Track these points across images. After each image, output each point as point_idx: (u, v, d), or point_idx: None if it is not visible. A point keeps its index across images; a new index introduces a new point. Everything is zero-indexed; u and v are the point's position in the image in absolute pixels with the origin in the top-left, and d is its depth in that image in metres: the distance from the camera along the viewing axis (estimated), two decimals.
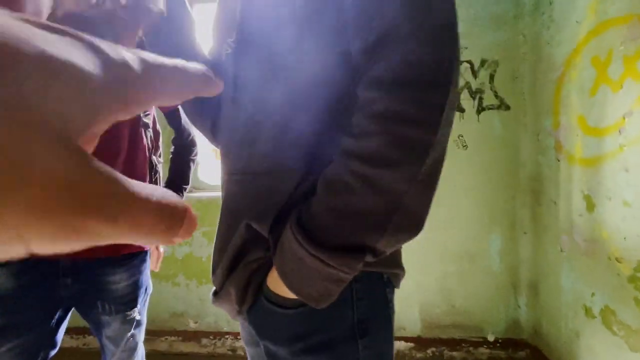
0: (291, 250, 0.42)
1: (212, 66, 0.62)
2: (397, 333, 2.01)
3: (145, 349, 2.02)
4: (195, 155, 1.05)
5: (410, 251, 2.01)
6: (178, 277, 2.13)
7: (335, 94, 0.45)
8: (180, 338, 2.09)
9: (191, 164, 1.04)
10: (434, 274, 2.00)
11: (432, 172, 0.40)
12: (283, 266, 0.43)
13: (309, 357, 0.45)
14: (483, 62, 1.91)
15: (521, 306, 1.95)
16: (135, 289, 0.90)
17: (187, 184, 1.04)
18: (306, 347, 0.45)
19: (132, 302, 0.89)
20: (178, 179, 1.02)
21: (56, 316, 0.84)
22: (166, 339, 2.09)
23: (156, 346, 2.07)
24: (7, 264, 0.77)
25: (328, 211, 0.41)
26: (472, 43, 1.91)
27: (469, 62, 1.92)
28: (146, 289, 0.94)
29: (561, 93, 1.68)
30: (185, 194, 1.04)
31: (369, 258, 0.42)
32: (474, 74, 1.93)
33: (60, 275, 0.82)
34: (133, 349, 0.93)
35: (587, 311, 1.52)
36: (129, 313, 0.89)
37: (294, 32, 0.46)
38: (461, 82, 1.93)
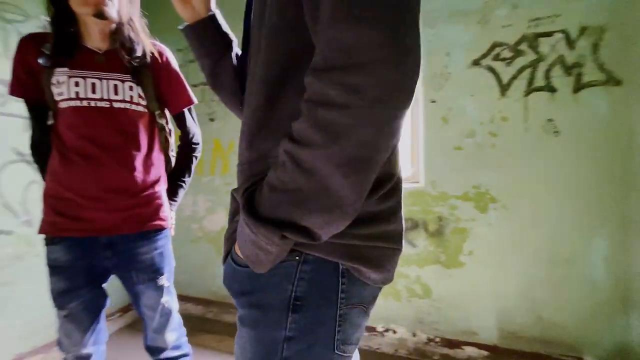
0: (241, 216, 0.48)
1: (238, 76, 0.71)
2: (467, 338, 1.85)
3: (217, 319, 2.33)
4: (199, 152, 1.23)
5: (488, 249, 1.84)
6: None
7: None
8: None
9: (194, 159, 1.23)
10: (517, 279, 1.76)
11: (360, 156, 0.40)
12: (238, 229, 0.50)
13: (251, 310, 0.52)
14: (583, 30, 1.58)
15: (633, 327, 1.58)
16: (160, 259, 1.08)
17: (190, 175, 1.23)
18: (249, 302, 0.52)
19: (160, 271, 1.08)
20: (181, 171, 1.21)
21: (106, 280, 1.08)
22: (233, 311, 2.35)
23: (226, 318, 2.37)
24: (61, 242, 0.98)
25: (266, 185, 0.46)
26: (567, 8, 1.59)
27: (564, 31, 1.61)
28: (170, 261, 1.13)
29: None
30: (187, 184, 1.22)
31: (301, 238, 0.44)
32: (570, 45, 1.61)
33: (101, 249, 1.02)
34: (168, 315, 1.11)
35: None
36: (158, 280, 1.08)
37: (274, 33, 0.50)
38: (552, 57, 1.64)
